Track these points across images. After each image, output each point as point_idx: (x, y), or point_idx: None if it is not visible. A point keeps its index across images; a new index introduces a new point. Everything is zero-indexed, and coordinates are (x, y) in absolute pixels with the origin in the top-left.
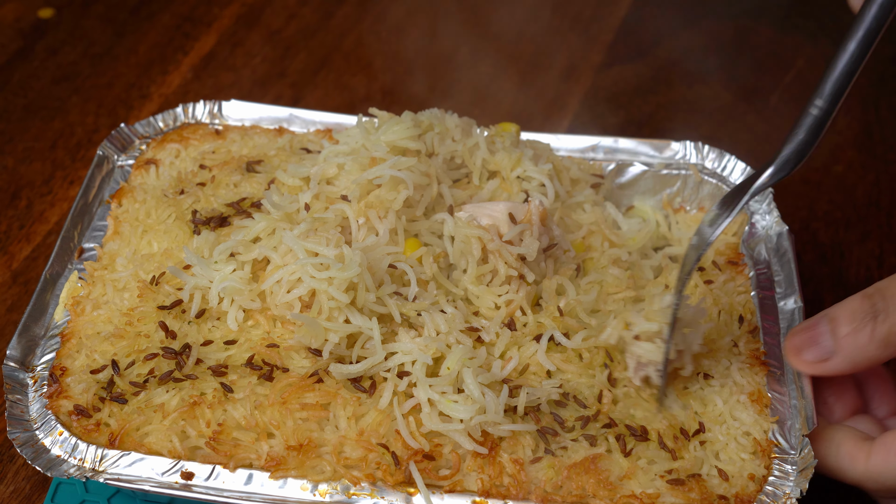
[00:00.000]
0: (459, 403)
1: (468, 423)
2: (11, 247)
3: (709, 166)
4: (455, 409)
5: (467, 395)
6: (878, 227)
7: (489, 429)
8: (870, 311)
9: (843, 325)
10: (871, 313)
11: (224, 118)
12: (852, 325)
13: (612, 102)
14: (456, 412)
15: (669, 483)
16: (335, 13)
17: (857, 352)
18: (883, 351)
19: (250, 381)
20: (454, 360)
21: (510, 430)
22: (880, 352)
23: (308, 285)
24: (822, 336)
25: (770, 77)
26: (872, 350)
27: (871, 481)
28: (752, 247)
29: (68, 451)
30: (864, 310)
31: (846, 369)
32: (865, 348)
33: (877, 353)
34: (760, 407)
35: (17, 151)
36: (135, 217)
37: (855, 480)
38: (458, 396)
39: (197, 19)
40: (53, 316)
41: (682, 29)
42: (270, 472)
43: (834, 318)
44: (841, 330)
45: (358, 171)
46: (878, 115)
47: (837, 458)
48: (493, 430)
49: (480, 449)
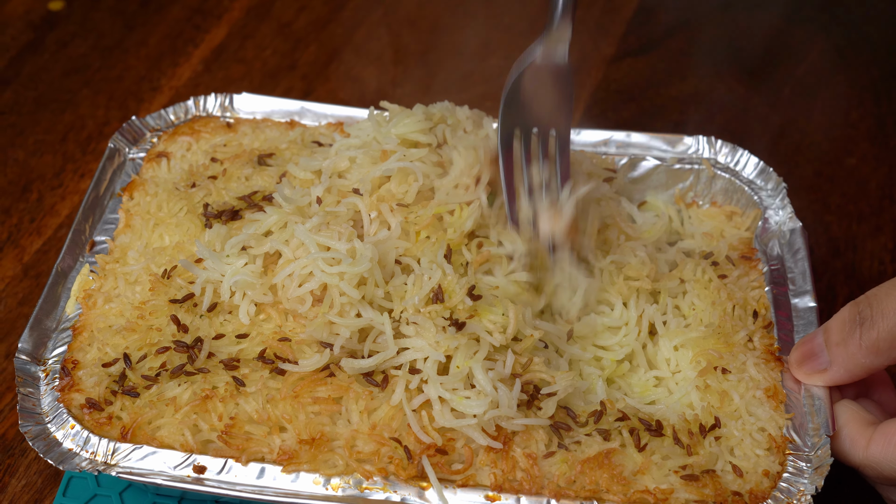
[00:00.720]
0: (472, 399)
1: (482, 417)
2: (23, 240)
3: (721, 161)
4: (468, 405)
5: (479, 389)
6: (891, 221)
7: (503, 423)
8: (856, 320)
9: (834, 335)
10: (858, 321)
11: (235, 111)
12: (842, 335)
13: (623, 95)
14: (469, 408)
15: (683, 479)
16: (346, 5)
17: (848, 360)
18: (874, 358)
19: (262, 374)
20: (462, 358)
21: (524, 423)
22: (871, 359)
23: (319, 279)
24: (818, 348)
25: (783, 69)
26: (862, 357)
27: (869, 468)
28: (766, 242)
29: (80, 445)
30: (852, 318)
31: (843, 378)
32: (855, 356)
33: (868, 361)
34: (776, 403)
35: (28, 144)
36: (146, 210)
37: (854, 465)
38: (471, 392)
39: (207, 11)
40: (65, 309)
41: (694, 21)
42: (283, 465)
43: (827, 329)
44: (832, 340)
45: (369, 165)
46: (891, 107)
47: (839, 441)
48: (506, 425)
49: (495, 444)
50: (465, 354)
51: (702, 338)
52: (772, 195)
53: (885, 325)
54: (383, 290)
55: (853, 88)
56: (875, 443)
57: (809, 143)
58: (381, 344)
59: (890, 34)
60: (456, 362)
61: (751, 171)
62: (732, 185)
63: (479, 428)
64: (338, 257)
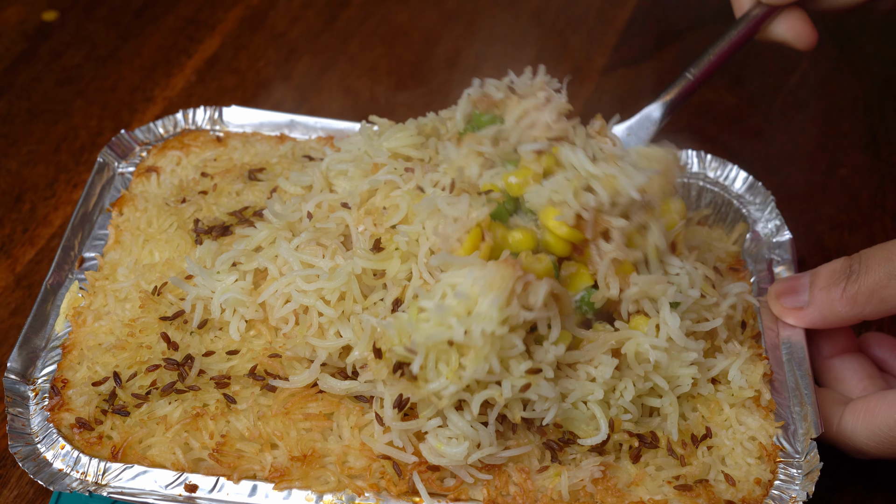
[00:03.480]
0: (454, 443)
1: (465, 460)
2: (15, 250)
3: (711, 175)
4: (450, 450)
5: (458, 433)
6: (882, 230)
7: (488, 460)
8: (846, 271)
9: (821, 280)
10: (847, 273)
11: (224, 124)
12: (828, 282)
13: (616, 105)
14: (452, 455)
15: (677, 489)
16: (339, 16)
17: (827, 305)
18: (851, 308)
19: (253, 391)
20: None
21: (510, 455)
22: (848, 309)
23: (297, 300)
24: (801, 287)
25: (775, 81)
26: (840, 306)
27: (841, 443)
28: (754, 253)
29: (70, 465)
30: (843, 269)
31: (816, 321)
32: (835, 304)
33: (845, 310)
34: (766, 412)
35: (21, 154)
36: (136, 226)
37: (829, 442)
38: (449, 432)
39: (201, 22)
40: (54, 327)
41: (687, 31)
42: (275, 483)
43: (815, 274)
44: (818, 284)
45: (361, 178)
46: (883, 118)
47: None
48: (492, 461)
49: (485, 476)
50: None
51: None
52: (760, 208)
53: (867, 279)
54: (361, 305)
55: (845, 99)
56: (845, 420)
57: (801, 154)
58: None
59: (881, 46)
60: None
61: (740, 186)
62: (721, 199)
63: (466, 468)
64: (318, 274)
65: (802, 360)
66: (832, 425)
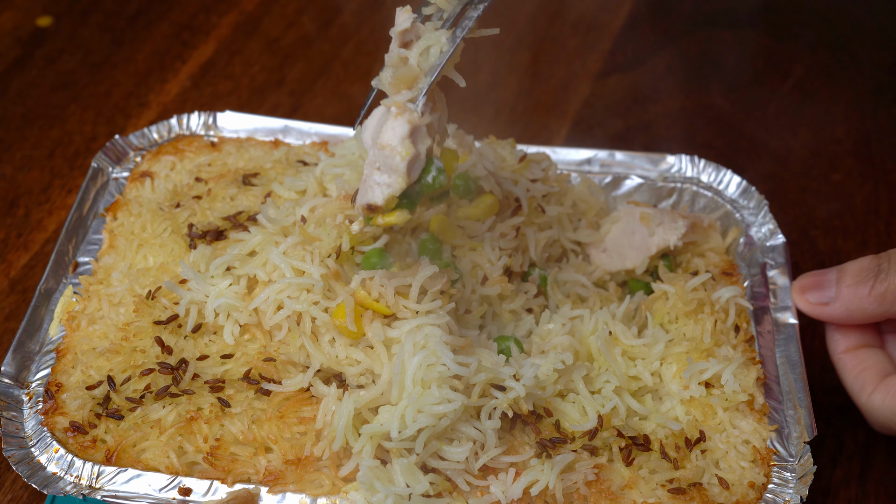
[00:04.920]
0: (455, 445)
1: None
2: (10, 255)
3: (704, 179)
4: (450, 452)
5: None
6: (876, 236)
7: (490, 463)
8: (875, 270)
9: (848, 277)
10: (876, 272)
11: (219, 129)
12: (856, 279)
13: (610, 111)
14: (452, 455)
15: (671, 492)
16: (334, 21)
17: (854, 302)
18: (878, 306)
19: (247, 395)
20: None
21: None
22: (875, 307)
23: (290, 307)
24: (827, 283)
25: (768, 86)
26: (868, 303)
27: (869, 414)
28: (748, 257)
29: (64, 469)
30: (871, 268)
31: (842, 317)
32: (862, 301)
33: (871, 308)
34: (759, 415)
35: (16, 160)
36: (130, 231)
37: (858, 407)
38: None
39: (195, 28)
40: (48, 331)
41: (681, 38)
42: (269, 486)
43: (842, 270)
44: (845, 280)
45: (355, 181)
46: (877, 123)
47: (851, 381)
48: (493, 465)
49: (482, 483)
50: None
51: (685, 352)
52: (754, 213)
53: (895, 279)
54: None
55: (838, 105)
56: (878, 392)
57: (795, 159)
58: None
59: (875, 51)
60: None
61: (734, 191)
62: (715, 203)
63: (464, 474)
64: (310, 281)
65: (796, 364)
66: (864, 394)
